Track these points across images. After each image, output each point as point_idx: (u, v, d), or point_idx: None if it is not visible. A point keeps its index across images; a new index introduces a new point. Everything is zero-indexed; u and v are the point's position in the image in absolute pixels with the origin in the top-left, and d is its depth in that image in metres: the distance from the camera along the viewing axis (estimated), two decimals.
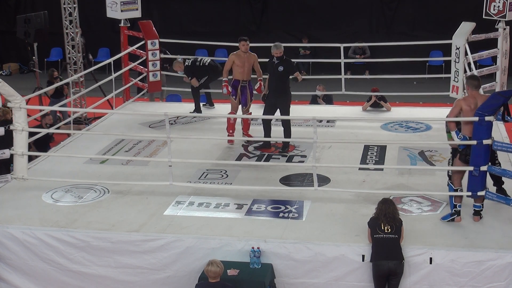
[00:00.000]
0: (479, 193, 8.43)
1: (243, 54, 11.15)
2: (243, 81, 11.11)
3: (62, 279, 8.37)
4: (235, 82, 11.16)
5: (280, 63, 10.63)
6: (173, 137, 9.73)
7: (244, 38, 11.19)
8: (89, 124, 13.82)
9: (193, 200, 9.10)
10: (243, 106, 11.21)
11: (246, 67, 11.10)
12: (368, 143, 11.01)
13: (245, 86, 11.17)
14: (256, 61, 11.26)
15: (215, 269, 7.48)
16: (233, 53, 11.24)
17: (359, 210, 8.69)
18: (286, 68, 10.63)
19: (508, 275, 7.66)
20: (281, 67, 10.60)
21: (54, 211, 8.69)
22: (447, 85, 12.59)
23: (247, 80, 11.18)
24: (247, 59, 11.12)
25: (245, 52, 11.15)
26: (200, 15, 21.16)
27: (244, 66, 11.09)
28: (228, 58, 11.26)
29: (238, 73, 11.12)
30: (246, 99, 11.18)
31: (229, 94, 11.23)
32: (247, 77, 11.18)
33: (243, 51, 11.16)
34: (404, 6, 20.64)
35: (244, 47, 11.15)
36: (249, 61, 11.13)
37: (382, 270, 7.65)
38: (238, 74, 11.13)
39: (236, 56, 11.16)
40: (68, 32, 15.67)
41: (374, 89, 13.37)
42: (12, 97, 9.25)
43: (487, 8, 12.21)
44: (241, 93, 11.12)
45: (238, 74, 11.13)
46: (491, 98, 8.31)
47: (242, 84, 11.11)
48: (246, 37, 11.23)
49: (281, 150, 10.86)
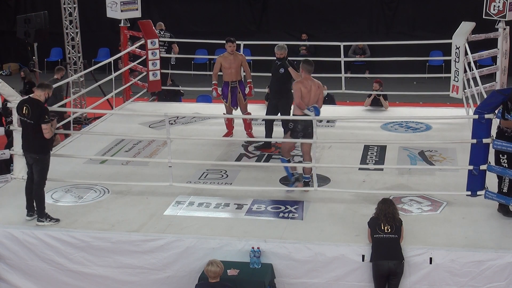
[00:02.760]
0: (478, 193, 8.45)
1: (229, 55, 11.15)
2: (232, 82, 11.13)
3: (62, 279, 8.37)
4: (224, 84, 11.15)
5: (281, 64, 10.60)
6: (173, 137, 9.73)
7: (230, 39, 11.19)
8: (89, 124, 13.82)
9: (193, 200, 9.10)
10: (233, 107, 11.19)
11: (233, 68, 11.10)
12: (368, 143, 11.01)
13: (235, 87, 11.18)
14: (244, 61, 11.28)
15: (215, 269, 7.48)
16: (220, 56, 11.28)
17: (359, 210, 8.68)
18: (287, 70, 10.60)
19: (508, 275, 7.66)
20: (282, 69, 10.57)
21: (54, 211, 8.67)
22: (447, 85, 12.59)
23: (236, 80, 11.20)
24: (234, 60, 11.11)
25: (231, 53, 11.14)
26: (200, 15, 21.17)
27: (231, 67, 11.07)
28: (216, 61, 11.32)
29: (227, 74, 11.13)
30: (236, 100, 11.16)
31: (219, 96, 11.26)
32: (236, 77, 11.20)
33: (229, 52, 11.15)
34: (404, 6, 20.65)
35: (230, 48, 11.14)
36: (236, 62, 11.11)
37: (382, 270, 7.65)
38: (227, 76, 11.15)
39: (222, 58, 11.19)
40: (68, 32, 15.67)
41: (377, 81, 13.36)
42: (12, 97, 9.24)
43: (487, 8, 12.21)
44: (231, 95, 11.11)
45: (226, 75, 11.15)
46: (490, 96, 8.31)
47: (231, 85, 11.13)
48: (232, 38, 11.22)
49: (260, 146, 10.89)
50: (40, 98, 8.34)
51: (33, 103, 8.30)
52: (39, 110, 8.23)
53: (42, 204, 8.40)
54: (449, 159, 10.33)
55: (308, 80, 9.21)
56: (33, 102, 8.31)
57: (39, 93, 8.34)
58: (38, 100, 8.31)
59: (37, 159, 8.34)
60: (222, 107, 11.67)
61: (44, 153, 8.38)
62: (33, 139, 8.32)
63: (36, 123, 8.21)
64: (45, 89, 8.36)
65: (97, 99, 13.45)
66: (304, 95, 9.11)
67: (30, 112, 8.25)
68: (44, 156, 8.37)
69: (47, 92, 8.37)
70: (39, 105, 8.28)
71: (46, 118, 8.21)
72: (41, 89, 8.36)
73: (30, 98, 8.40)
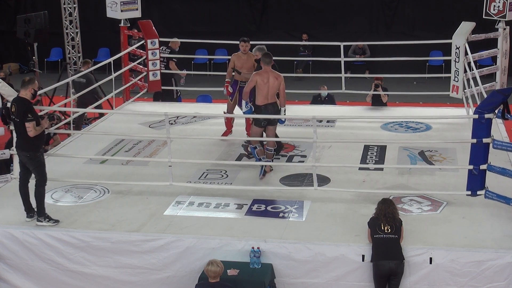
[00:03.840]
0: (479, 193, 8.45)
1: (242, 55, 11.14)
2: (242, 82, 11.10)
3: (62, 279, 8.37)
4: (234, 82, 11.15)
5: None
6: (173, 137, 9.73)
7: (244, 39, 11.16)
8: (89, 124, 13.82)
9: (193, 200, 9.10)
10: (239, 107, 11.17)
11: (245, 68, 11.07)
12: (368, 143, 11.01)
13: (243, 87, 11.15)
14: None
15: (215, 269, 7.48)
16: (234, 54, 11.24)
17: (359, 210, 8.68)
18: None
19: (508, 275, 7.65)
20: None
21: (54, 211, 8.67)
22: (447, 85, 12.59)
23: (245, 81, 11.16)
24: (247, 60, 11.10)
25: (244, 53, 11.14)
26: (200, 15, 21.17)
27: (243, 67, 11.06)
28: (230, 59, 11.29)
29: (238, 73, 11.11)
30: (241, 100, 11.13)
31: (229, 95, 11.22)
32: (246, 78, 11.16)
33: (242, 52, 11.15)
34: (404, 6, 20.66)
35: (243, 48, 11.12)
36: (249, 62, 11.09)
37: (383, 270, 7.65)
38: (238, 75, 11.12)
39: (236, 57, 11.16)
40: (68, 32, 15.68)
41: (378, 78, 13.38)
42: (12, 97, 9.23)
43: (487, 8, 12.21)
44: (238, 94, 11.11)
45: (237, 75, 11.13)
46: (490, 96, 8.31)
47: (240, 85, 11.09)
48: (246, 38, 11.20)
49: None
50: (27, 96, 8.33)
51: (19, 101, 8.33)
52: (24, 109, 8.24)
53: (42, 203, 8.40)
54: (449, 159, 10.33)
55: (267, 72, 9.69)
56: (19, 100, 8.34)
57: (24, 92, 8.35)
58: (23, 98, 8.32)
59: (28, 157, 8.36)
60: (222, 107, 11.66)
61: (34, 151, 8.37)
62: (22, 137, 8.35)
63: (21, 121, 8.24)
64: (28, 86, 8.32)
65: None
66: (261, 86, 9.64)
67: (16, 109, 8.30)
68: (34, 154, 8.36)
69: (31, 88, 8.33)
70: (24, 103, 8.29)
71: (29, 117, 8.21)
72: (24, 88, 8.33)
73: (18, 97, 8.43)
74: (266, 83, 9.67)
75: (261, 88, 9.68)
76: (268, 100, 9.74)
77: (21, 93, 8.38)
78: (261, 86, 9.68)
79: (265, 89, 9.67)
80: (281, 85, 9.77)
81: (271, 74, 9.73)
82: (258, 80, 9.68)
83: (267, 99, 9.74)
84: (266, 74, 9.70)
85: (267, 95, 9.71)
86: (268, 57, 9.83)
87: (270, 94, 9.73)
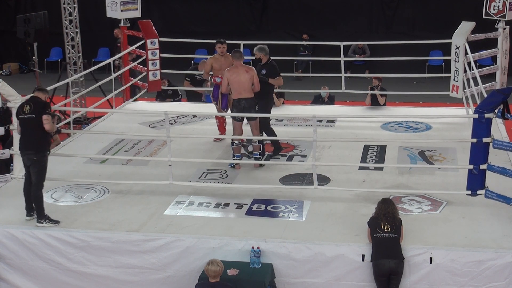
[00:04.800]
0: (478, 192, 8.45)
1: (219, 57, 11.11)
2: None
3: (62, 279, 8.37)
4: (215, 86, 11.02)
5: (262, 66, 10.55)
6: (173, 136, 9.73)
7: (221, 41, 11.15)
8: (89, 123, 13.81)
9: (193, 200, 9.09)
10: (224, 109, 11.02)
11: (224, 69, 11.01)
12: (368, 142, 11.01)
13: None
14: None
15: (215, 268, 7.48)
16: (211, 57, 11.29)
17: (359, 210, 8.68)
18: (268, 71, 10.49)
19: (508, 275, 7.66)
20: (264, 70, 10.48)
21: (54, 211, 8.67)
22: (447, 85, 12.59)
23: None
24: (225, 61, 11.01)
25: (221, 55, 11.11)
26: (200, 15, 21.16)
27: (222, 69, 10.94)
28: (207, 62, 11.36)
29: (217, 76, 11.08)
30: (226, 103, 11.00)
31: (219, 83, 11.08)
32: None
33: (219, 54, 11.12)
34: (404, 6, 20.65)
35: (220, 50, 11.10)
36: (227, 64, 10.95)
37: (383, 269, 7.65)
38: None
39: (213, 59, 11.17)
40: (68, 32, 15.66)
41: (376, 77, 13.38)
42: (12, 97, 9.25)
43: (487, 8, 12.21)
44: (222, 97, 10.96)
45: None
46: (490, 96, 8.31)
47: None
48: (222, 40, 11.19)
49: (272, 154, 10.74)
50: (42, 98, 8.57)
51: (35, 100, 8.52)
52: (42, 104, 8.47)
53: (41, 205, 8.40)
54: (449, 158, 10.33)
55: (237, 67, 10.08)
56: (35, 99, 8.53)
57: (41, 95, 8.57)
58: (39, 97, 8.56)
59: (35, 160, 8.34)
60: None
61: (42, 152, 8.38)
62: (33, 135, 8.37)
63: (38, 116, 8.32)
64: (46, 93, 8.68)
65: (97, 99, 13.45)
66: (233, 81, 10.00)
67: (32, 107, 8.40)
68: (41, 156, 8.37)
69: (46, 96, 8.67)
70: (41, 101, 8.51)
71: (48, 111, 8.43)
72: (42, 92, 8.63)
73: (32, 97, 8.62)
74: (236, 77, 9.96)
75: (232, 83, 10.02)
76: (242, 94, 9.99)
77: (37, 94, 8.58)
78: (231, 81, 10.01)
79: (236, 83, 9.97)
80: (254, 78, 10.02)
81: (241, 68, 10.05)
82: (228, 75, 10.03)
83: (241, 94, 9.99)
84: (236, 69, 10.04)
85: (240, 89, 9.98)
86: (237, 52, 10.25)
87: (243, 88, 9.99)
